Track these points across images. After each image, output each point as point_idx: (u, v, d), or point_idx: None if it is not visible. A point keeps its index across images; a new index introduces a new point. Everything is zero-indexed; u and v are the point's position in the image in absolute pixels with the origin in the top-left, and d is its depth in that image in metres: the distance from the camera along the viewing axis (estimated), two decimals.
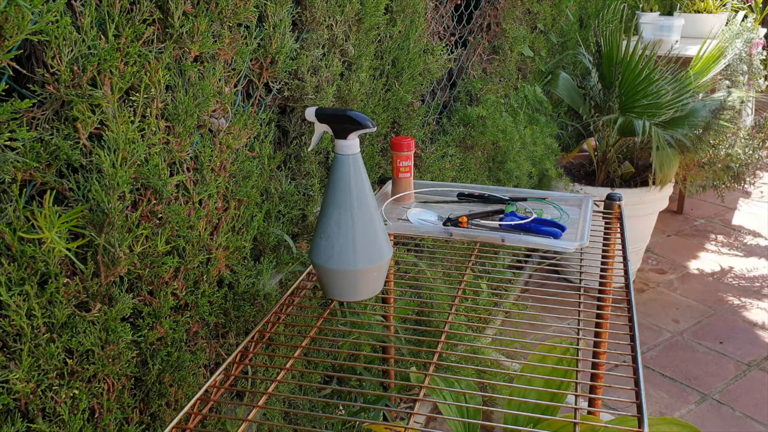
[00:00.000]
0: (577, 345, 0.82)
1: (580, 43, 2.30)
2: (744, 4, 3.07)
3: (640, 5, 3.00)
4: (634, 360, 0.76)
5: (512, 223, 1.04)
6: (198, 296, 0.94)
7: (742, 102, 2.37)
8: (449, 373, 1.34)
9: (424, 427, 1.56)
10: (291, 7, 1.07)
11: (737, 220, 2.92)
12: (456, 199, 1.19)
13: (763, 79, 2.77)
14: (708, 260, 2.55)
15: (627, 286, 0.92)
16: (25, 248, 0.65)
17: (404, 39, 1.45)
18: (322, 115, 0.80)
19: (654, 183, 2.15)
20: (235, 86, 0.98)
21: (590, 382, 1.06)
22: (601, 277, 1.06)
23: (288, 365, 0.78)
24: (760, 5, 3.13)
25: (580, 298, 0.90)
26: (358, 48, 1.28)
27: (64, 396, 0.73)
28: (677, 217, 2.94)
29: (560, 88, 2.21)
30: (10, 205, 0.65)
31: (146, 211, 0.82)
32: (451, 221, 1.06)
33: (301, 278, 0.97)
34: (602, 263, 1.06)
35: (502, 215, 1.08)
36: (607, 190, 2.10)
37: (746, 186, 2.43)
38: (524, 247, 2.24)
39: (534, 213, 1.08)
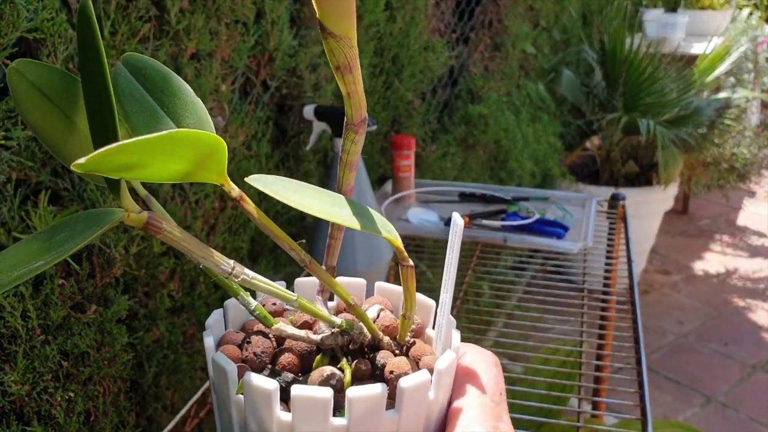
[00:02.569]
0: (581, 347, 0.81)
1: (583, 40, 2.28)
2: (749, 0, 3.04)
3: (644, 1, 2.98)
4: (639, 362, 0.75)
5: (515, 223, 1.03)
6: (194, 298, 0.93)
7: (748, 100, 2.35)
8: None
9: None
10: (289, 3, 1.06)
11: (742, 220, 2.90)
12: (457, 198, 1.17)
13: None
14: (713, 261, 2.53)
15: (631, 287, 0.91)
16: None
17: (404, 36, 1.44)
18: (320, 114, 0.78)
19: (659, 182, 2.13)
20: (233, 84, 0.97)
21: (594, 385, 1.05)
22: (605, 278, 1.05)
23: None
24: (765, 2, 3.10)
25: (583, 300, 0.89)
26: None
27: (59, 399, 0.72)
28: (682, 218, 2.92)
29: (564, 86, 2.19)
30: (5, 205, 0.64)
31: None
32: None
33: None
34: (606, 264, 1.04)
35: (504, 215, 1.07)
36: (611, 190, 2.08)
37: (751, 185, 2.41)
38: (527, 248, 2.22)
39: (537, 213, 1.07)
